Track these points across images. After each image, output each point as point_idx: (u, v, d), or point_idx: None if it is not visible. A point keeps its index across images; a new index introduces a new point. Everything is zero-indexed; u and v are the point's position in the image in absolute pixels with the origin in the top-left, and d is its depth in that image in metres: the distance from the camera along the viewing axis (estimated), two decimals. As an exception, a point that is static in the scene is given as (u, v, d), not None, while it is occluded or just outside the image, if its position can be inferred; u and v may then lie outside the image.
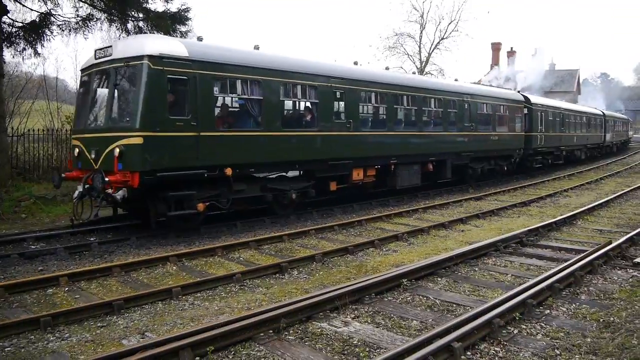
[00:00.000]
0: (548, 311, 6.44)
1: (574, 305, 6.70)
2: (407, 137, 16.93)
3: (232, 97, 12.33)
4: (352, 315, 6.33)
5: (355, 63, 16.57)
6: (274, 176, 13.36)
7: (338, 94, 14.25)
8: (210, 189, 11.50)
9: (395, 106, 16.45)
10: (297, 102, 14.15)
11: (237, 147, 11.69)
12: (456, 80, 21.76)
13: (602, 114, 41.21)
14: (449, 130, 18.82)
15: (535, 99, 27.17)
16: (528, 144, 24.84)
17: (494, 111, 21.82)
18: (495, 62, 58.25)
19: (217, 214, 13.22)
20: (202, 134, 10.86)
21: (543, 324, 6.01)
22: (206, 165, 11.02)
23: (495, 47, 59.33)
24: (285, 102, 13.32)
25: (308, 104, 14.07)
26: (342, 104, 14.57)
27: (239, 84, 11.67)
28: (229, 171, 11.27)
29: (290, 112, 14.41)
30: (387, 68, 19.92)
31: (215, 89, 11.27)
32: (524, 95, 25.93)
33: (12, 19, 15.90)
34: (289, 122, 13.52)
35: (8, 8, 15.06)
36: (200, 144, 10.83)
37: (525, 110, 24.93)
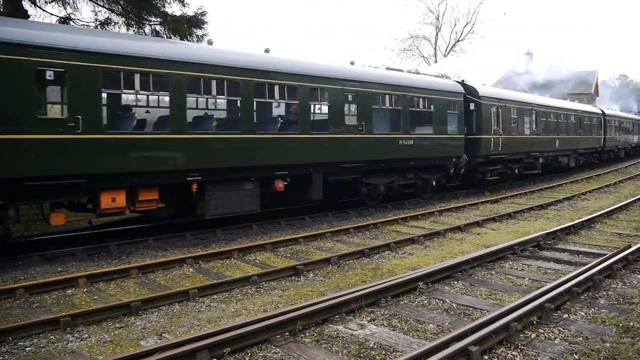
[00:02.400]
0: (566, 315, 6.37)
1: (592, 309, 6.62)
2: (220, 142, 11.34)
3: None
4: (368, 318, 6.32)
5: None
6: None
7: (42, 74, 8.88)
8: None
9: (188, 96, 10.84)
10: None
11: None
12: (352, 63, 15.50)
13: (600, 112, 34.49)
14: (313, 131, 13.24)
15: (485, 90, 20.84)
16: (474, 150, 18.96)
17: (404, 106, 15.73)
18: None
19: (232, 217, 13.31)
20: None
21: (561, 329, 5.95)
22: None
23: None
24: None
25: None
26: (56, 90, 9.61)
27: None
28: None
29: None
30: (210, 42, 14.27)
31: None
32: (465, 86, 19.48)
33: (32, 24, 16.14)
34: None
35: (29, 13, 15.30)
36: None
37: (472, 106, 19.22)
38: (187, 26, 16.97)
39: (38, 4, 16.24)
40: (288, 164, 12.62)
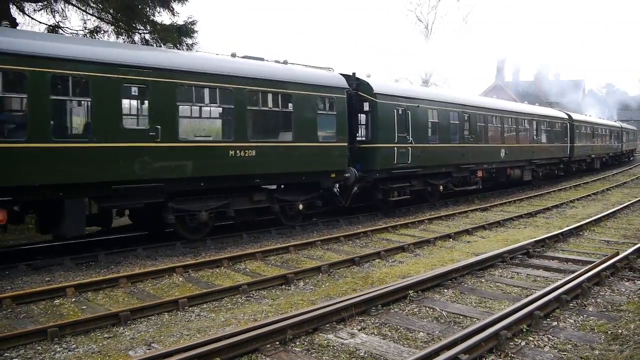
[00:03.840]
0: (555, 323, 6.41)
1: (581, 317, 6.67)
2: None
3: None
4: (359, 327, 6.32)
5: None
6: None
7: None
8: None
9: None
10: None
11: None
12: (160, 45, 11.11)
13: (566, 117, 30.05)
14: (61, 139, 9.48)
15: (384, 86, 15.97)
16: (369, 163, 15.03)
17: (239, 104, 11.59)
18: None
19: (223, 224, 13.23)
20: None
21: (550, 336, 5.98)
22: None
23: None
24: None
25: None
26: None
27: None
28: None
29: None
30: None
31: None
32: (357, 80, 15.32)
33: (21, 32, 16.07)
34: None
35: (17, 21, 15.24)
36: None
37: (367, 106, 15.21)
38: (177, 35, 16.96)
39: (26, 12, 16.19)
40: (14, 185, 8.87)
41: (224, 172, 11.44)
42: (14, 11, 15.43)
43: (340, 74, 14.76)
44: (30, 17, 16.35)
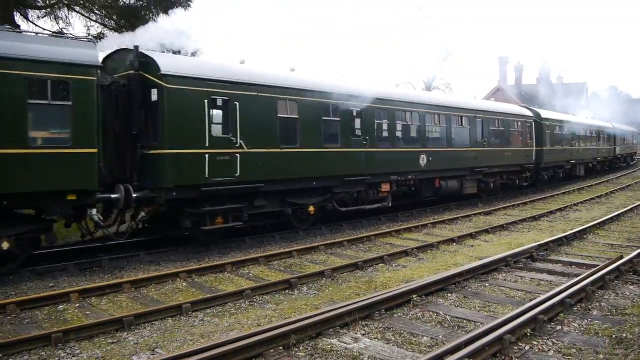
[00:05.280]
0: (559, 327, 6.39)
1: (585, 320, 6.65)
2: None
3: None
4: (362, 332, 6.31)
5: None
6: None
7: None
8: None
9: None
10: None
11: None
12: None
13: (531, 114, 24.66)
14: None
15: (184, 64, 11.01)
16: (157, 178, 10.39)
17: None
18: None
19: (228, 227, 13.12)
20: None
21: (555, 340, 5.96)
22: None
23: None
24: None
25: None
26: None
27: None
28: None
29: None
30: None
31: None
32: (141, 55, 10.47)
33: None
34: None
35: (21, 27, 15.32)
36: None
37: (155, 95, 10.42)
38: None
39: (30, 19, 16.29)
40: None
41: None
42: (17, 18, 15.52)
43: (116, 51, 10.84)
44: (33, 23, 16.46)
